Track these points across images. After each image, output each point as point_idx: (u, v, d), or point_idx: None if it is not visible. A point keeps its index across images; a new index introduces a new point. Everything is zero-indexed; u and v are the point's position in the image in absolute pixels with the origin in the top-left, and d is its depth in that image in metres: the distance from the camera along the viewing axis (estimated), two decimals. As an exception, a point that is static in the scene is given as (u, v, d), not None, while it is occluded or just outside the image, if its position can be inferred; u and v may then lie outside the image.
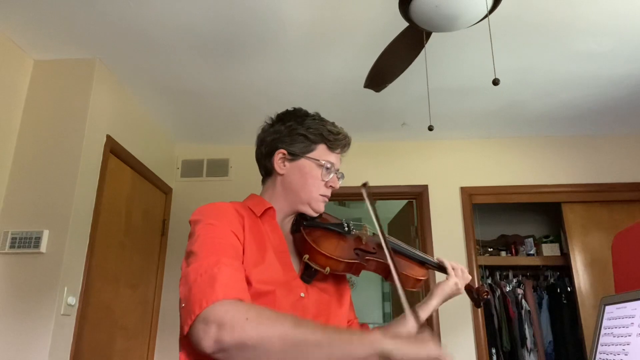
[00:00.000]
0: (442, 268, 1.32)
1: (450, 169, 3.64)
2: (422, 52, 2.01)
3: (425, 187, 3.61)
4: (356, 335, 0.80)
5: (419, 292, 3.14)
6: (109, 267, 2.73)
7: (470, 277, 1.34)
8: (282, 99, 3.00)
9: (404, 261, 1.24)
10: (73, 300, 2.30)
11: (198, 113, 3.28)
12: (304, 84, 2.89)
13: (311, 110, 1.21)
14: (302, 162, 1.14)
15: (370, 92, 2.36)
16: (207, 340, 0.77)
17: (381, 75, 2.11)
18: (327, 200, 1.16)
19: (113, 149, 2.74)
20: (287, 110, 1.21)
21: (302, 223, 1.12)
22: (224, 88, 2.94)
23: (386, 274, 1.15)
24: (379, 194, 3.64)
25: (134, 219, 3.05)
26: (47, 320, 2.18)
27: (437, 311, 3.30)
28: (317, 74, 2.78)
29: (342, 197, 3.78)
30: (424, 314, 1.25)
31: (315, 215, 1.15)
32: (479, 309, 3.30)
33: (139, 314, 3.10)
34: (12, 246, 2.27)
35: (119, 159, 2.86)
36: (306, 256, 1.04)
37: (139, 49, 2.53)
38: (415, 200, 3.68)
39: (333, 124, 1.19)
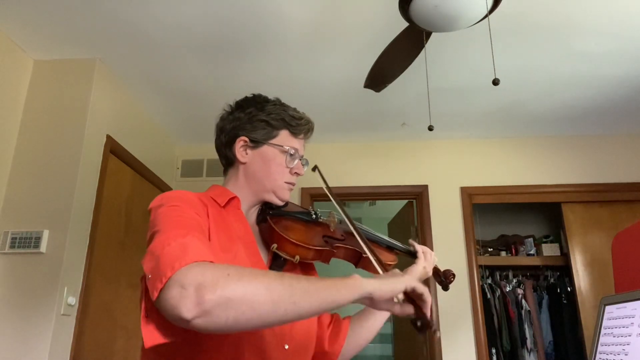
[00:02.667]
0: (410, 252, 1.30)
1: (450, 169, 3.64)
2: (422, 52, 2.01)
3: (425, 187, 3.61)
4: (339, 281, 0.78)
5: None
6: (109, 267, 2.73)
7: (435, 259, 1.32)
8: (282, 99, 2.99)
9: (372, 247, 1.23)
10: (73, 300, 2.30)
11: (198, 113, 3.28)
12: (304, 84, 2.89)
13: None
14: (265, 149, 1.09)
15: (370, 92, 2.36)
16: (186, 303, 0.67)
17: (381, 75, 2.11)
18: (292, 187, 1.13)
19: (113, 149, 2.74)
20: (246, 97, 1.17)
21: (268, 212, 1.09)
22: (225, 88, 2.94)
23: (355, 261, 1.14)
24: (380, 194, 3.64)
25: (134, 219, 3.05)
26: (47, 320, 2.18)
27: (437, 311, 3.30)
28: (317, 74, 2.78)
29: (341, 197, 3.78)
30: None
31: (281, 204, 1.11)
32: (479, 310, 3.30)
33: (139, 314, 3.10)
34: (12, 246, 2.27)
35: (119, 159, 2.86)
36: (275, 245, 1.01)
37: (139, 49, 2.54)
38: (415, 200, 3.68)
39: (294, 109, 1.15)
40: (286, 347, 0.96)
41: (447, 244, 3.44)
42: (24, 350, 2.13)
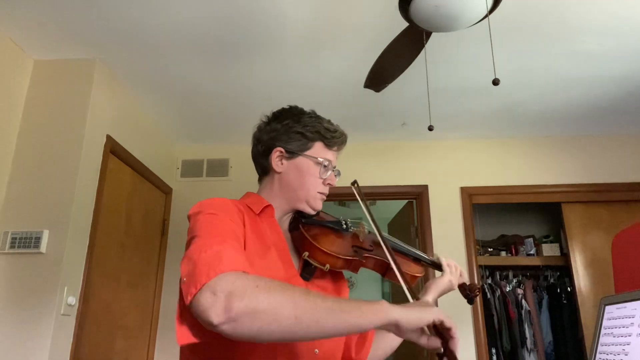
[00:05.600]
0: (436, 265, 1.33)
1: (450, 169, 3.64)
2: (422, 52, 2.01)
3: (425, 187, 3.61)
4: (365, 304, 0.79)
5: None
6: (109, 267, 2.73)
7: (464, 274, 1.35)
8: (282, 99, 2.98)
9: (400, 258, 1.25)
10: (73, 300, 2.30)
11: (198, 113, 3.28)
12: (304, 84, 2.89)
13: (312, 110, 1.22)
14: (300, 160, 1.13)
15: (370, 92, 2.36)
16: (216, 309, 0.72)
17: (381, 75, 2.11)
18: (324, 197, 1.16)
19: (113, 149, 2.74)
20: (283, 109, 1.20)
21: (300, 221, 1.12)
22: (224, 88, 2.94)
23: (383, 271, 1.16)
24: (380, 194, 3.64)
25: (134, 219, 3.05)
26: (47, 320, 2.18)
27: (437, 311, 3.30)
28: (317, 74, 2.78)
29: (342, 197, 3.78)
30: None
31: (313, 213, 1.15)
32: (479, 310, 3.30)
33: (139, 314, 3.10)
34: (12, 246, 2.27)
35: (119, 159, 2.86)
36: (306, 253, 1.04)
37: (139, 49, 2.54)
38: (415, 200, 3.68)
39: (329, 121, 1.18)
40: (316, 351, 0.99)
41: (447, 244, 3.44)
42: (23, 350, 2.13)
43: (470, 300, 1.34)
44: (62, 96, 2.55)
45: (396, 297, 4.48)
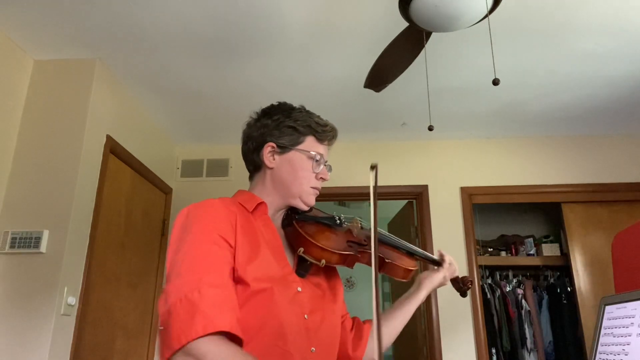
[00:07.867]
0: (431, 260, 1.34)
1: (450, 169, 3.64)
2: (422, 52, 2.01)
3: (425, 187, 3.61)
4: None
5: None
6: (109, 267, 2.73)
7: (457, 269, 1.36)
8: (282, 99, 2.97)
9: (394, 252, 1.25)
10: (73, 300, 2.30)
11: (198, 113, 3.28)
12: (304, 84, 2.89)
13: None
14: (292, 154, 1.12)
15: (370, 92, 2.36)
16: None
17: (381, 75, 2.11)
18: (317, 192, 1.15)
19: (113, 149, 2.74)
20: (272, 105, 1.20)
21: (294, 217, 1.11)
22: (224, 88, 2.94)
23: (379, 266, 1.16)
24: (379, 194, 3.61)
25: (134, 219, 3.05)
26: (47, 320, 2.18)
27: (437, 311, 3.31)
28: (317, 73, 2.78)
29: (342, 197, 3.78)
30: (412, 305, 1.28)
31: (306, 208, 1.14)
32: (479, 310, 3.30)
33: (139, 314, 3.10)
34: (12, 246, 2.27)
35: (119, 159, 2.86)
36: (301, 249, 1.03)
37: (139, 49, 2.54)
38: (415, 200, 3.68)
39: (319, 116, 1.18)
40: (313, 350, 0.98)
41: (447, 244, 3.44)
42: (24, 350, 2.13)
43: (464, 293, 1.34)
44: (62, 96, 2.55)
45: (396, 297, 4.48)
